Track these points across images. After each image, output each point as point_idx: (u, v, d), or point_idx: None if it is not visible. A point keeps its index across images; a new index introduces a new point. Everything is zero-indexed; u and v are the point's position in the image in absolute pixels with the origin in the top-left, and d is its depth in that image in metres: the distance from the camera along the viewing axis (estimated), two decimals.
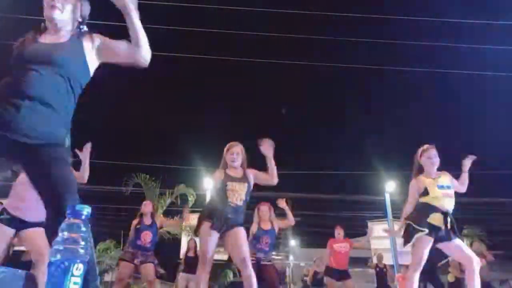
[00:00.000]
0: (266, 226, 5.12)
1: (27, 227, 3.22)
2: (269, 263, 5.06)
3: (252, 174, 3.53)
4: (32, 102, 1.53)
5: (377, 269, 9.09)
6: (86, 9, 1.88)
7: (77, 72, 1.69)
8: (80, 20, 1.84)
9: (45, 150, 1.53)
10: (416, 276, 3.36)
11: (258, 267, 4.85)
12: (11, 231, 3.24)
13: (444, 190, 3.46)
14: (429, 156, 3.57)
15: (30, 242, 3.25)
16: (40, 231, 3.12)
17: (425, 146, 3.65)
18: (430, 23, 14.04)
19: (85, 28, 1.85)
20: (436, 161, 3.56)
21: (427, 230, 3.33)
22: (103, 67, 1.85)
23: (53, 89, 1.59)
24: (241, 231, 3.34)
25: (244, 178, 3.47)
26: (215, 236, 3.29)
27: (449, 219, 3.38)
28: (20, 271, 1.36)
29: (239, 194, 3.37)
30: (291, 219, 5.36)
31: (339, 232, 6.63)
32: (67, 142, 1.64)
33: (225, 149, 3.57)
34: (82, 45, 1.74)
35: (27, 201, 3.19)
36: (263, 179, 3.51)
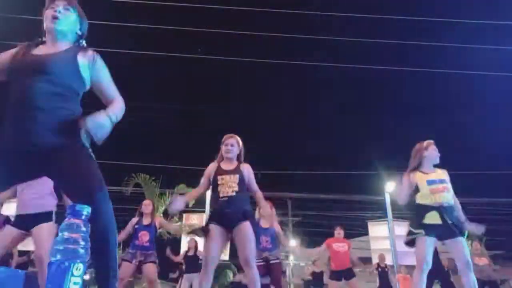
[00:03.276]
0: (265, 224, 5.14)
1: (35, 223, 3.25)
2: (277, 261, 5.09)
3: (246, 170, 3.38)
4: (43, 112, 1.57)
5: (379, 269, 9.09)
6: (85, 25, 1.89)
7: (70, 80, 1.69)
8: (79, 33, 1.85)
9: (68, 150, 1.58)
10: (423, 277, 3.30)
11: (267, 267, 4.90)
12: (17, 232, 3.28)
13: (434, 185, 3.45)
14: (435, 148, 3.63)
15: (35, 244, 3.28)
16: (46, 230, 3.17)
17: (428, 141, 3.69)
18: (432, 24, 14.05)
19: (84, 43, 1.87)
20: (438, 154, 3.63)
21: (423, 232, 3.36)
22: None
23: (57, 98, 1.62)
24: (245, 228, 3.14)
25: (236, 170, 3.32)
26: (218, 237, 3.17)
27: (446, 215, 3.36)
28: (20, 271, 1.37)
29: (229, 186, 3.22)
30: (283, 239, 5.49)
31: (339, 232, 6.62)
32: (87, 142, 1.67)
33: (221, 142, 3.49)
34: (76, 56, 1.74)
35: (31, 191, 3.29)
36: (251, 189, 3.37)
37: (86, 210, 1.22)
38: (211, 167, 3.43)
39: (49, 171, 1.61)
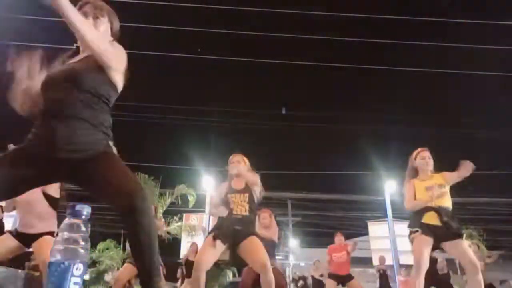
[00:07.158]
0: (266, 232, 5.11)
1: (35, 239, 3.29)
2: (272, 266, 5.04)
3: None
4: (70, 120, 1.56)
5: (381, 271, 9.04)
6: (117, 24, 1.83)
7: (100, 85, 1.65)
8: (111, 39, 1.79)
9: (96, 159, 1.55)
10: (421, 277, 3.29)
11: None
12: (16, 243, 3.30)
13: (433, 191, 3.45)
14: (423, 156, 3.64)
15: (37, 254, 3.30)
16: (47, 241, 3.18)
17: (419, 148, 3.73)
18: (434, 24, 14.05)
19: (115, 43, 1.79)
20: (430, 162, 3.63)
21: (419, 230, 3.38)
22: None
23: (85, 105, 1.60)
24: (254, 238, 3.24)
25: (245, 189, 3.42)
26: (217, 248, 3.17)
27: (444, 217, 3.36)
28: (20, 271, 1.37)
29: (242, 205, 3.33)
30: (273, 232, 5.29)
31: (339, 238, 6.68)
32: (113, 149, 1.65)
33: (228, 162, 3.57)
34: None
35: (32, 214, 3.33)
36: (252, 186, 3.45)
37: (86, 210, 1.22)
38: (223, 187, 3.53)
39: (78, 179, 1.60)
